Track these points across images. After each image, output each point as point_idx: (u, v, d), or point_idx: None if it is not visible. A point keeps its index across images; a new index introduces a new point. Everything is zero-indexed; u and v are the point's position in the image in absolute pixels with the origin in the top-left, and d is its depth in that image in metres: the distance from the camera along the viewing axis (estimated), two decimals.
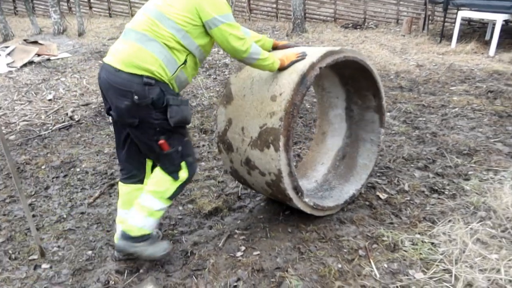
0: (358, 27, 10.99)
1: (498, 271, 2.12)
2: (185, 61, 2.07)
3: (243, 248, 2.43)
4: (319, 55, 2.37)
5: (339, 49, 2.51)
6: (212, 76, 6.53)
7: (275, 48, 2.60)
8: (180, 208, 2.93)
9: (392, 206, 2.80)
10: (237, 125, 2.50)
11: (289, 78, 2.29)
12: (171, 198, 2.22)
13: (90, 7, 14.69)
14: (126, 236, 2.19)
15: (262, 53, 2.19)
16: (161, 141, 2.08)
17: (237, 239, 2.53)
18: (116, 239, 2.33)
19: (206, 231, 2.65)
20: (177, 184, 2.20)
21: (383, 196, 2.91)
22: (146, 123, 2.04)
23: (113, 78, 1.99)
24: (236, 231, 2.61)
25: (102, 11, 14.57)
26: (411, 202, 2.84)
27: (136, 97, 1.96)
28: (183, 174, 2.19)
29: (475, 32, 9.05)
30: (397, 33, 9.87)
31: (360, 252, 2.34)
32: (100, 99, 5.57)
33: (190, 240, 2.55)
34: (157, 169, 2.21)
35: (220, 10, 2.01)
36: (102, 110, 5.16)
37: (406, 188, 3.01)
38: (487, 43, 7.71)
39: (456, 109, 4.62)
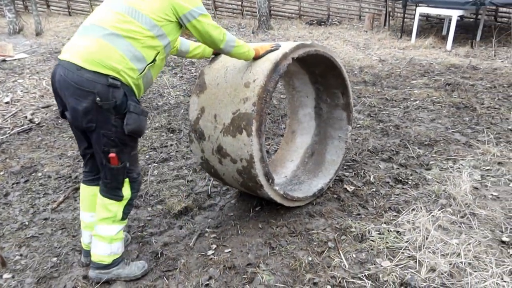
0: (322, 23, 11.17)
1: (459, 255, 2.22)
2: (154, 59, 1.98)
3: (214, 246, 2.42)
4: (292, 46, 2.45)
5: (311, 43, 2.59)
6: (179, 75, 6.45)
7: None
8: (149, 209, 2.88)
9: (359, 197, 2.88)
10: (209, 113, 2.49)
11: (263, 66, 2.33)
12: (124, 218, 2.14)
13: (48, 6, 14.11)
14: (98, 266, 2.14)
15: (237, 40, 2.19)
16: (112, 154, 1.95)
17: (208, 238, 2.51)
18: (84, 244, 2.28)
19: (176, 231, 2.62)
20: (123, 204, 2.10)
21: (350, 188, 2.99)
22: (102, 129, 1.90)
23: (72, 76, 1.81)
24: (207, 229, 2.60)
25: (61, 9, 14.04)
26: (377, 193, 2.92)
27: (98, 98, 1.81)
28: (126, 191, 2.08)
29: (433, 28, 9.42)
30: (359, 29, 10.11)
31: (330, 244, 2.38)
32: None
33: (160, 241, 2.51)
34: (99, 196, 2.09)
35: (194, 3, 1.99)
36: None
37: (372, 179, 3.09)
38: (444, 38, 8.05)
39: (417, 101, 4.80)
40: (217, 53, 2.60)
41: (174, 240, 2.51)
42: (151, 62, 1.97)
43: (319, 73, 3.07)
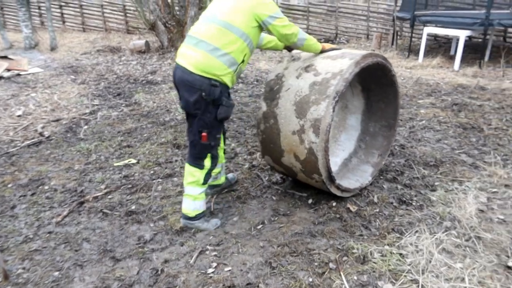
0: (330, 42, 11.26)
1: (463, 279, 2.18)
2: (243, 60, 2.59)
3: (214, 264, 2.41)
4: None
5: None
6: None
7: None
8: (151, 225, 2.89)
9: (362, 218, 2.85)
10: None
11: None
12: (204, 183, 2.77)
13: (63, 22, 14.49)
14: (186, 217, 2.80)
15: (307, 35, 2.70)
16: (204, 133, 2.59)
17: (208, 255, 2.51)
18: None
19: (177, 247, 2.62)
20: (204, 172, 2.72)
21: (353, 208, 2.97)
22: (202, 115, 2.56)
23: (188, 77, 2.50)
24: (208, 247, 2.60)
25: (76, 25, 14.40)
26: (380, 213, 2.90)
27: (203, 93, 2.48)
28: (207, 163, 2.71)
29: (440, 47, 9.44)
30: (367, 48, 10.17)
31: (331, 265, 2.36)
32: (71, 114, 5.49)
33: (161, 257, 2.51)
34: (186, 165, 2.75)
35: (272, 10, 2.52)
36: (74, 126, 5.07)
37: (376, 200, 3.07)
38: (452, 58, 8.05)
39: (423, 121, 4.78)
40: (288, 47, 3.04)
41: (175, 257, 2.51)
42: (241, 62, 2.59)
43: (372, 131, 3.51)
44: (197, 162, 2.70)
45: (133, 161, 3.99)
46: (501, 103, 5.34)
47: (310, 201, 3.11)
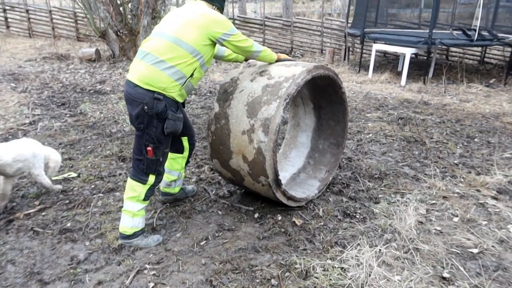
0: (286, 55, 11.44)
1: None
2: (192, 74, 2.56)
3: (151, 284, 2.29)
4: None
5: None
6: None
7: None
8: (87, 243, 2.71)
9: (306, 231, 2.84)
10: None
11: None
12: (145, 199, 2.66)
13: (8, 26, 13.70)
14: (123, 236, 2.65)
15: (262, 47, 2.80)
16: (149, 148, 2.52)
17: (146, 275, 2.38)
18: (161, 188, 3.16)
19: (113, 267, 2.47)
20: (147, 187, 2.63)
21: (298, 222, 2.95)
22: (147, 129, 2.50)
23: (131, 91, 2.48)
24: (147, 266, 2.47)
25: (21, 31, 13.66)
26: (325, 227, 2.90)
27: (146, 107, 2.43)
28: (152, 178, 2.62)
29: (389, 64, 9.86)
30: (321, 62, 10.43)
31: (273, 281, 2.31)
32: (9, 125, 5.13)
33: (94, 278, 2.35)
34: (128, 179, 2.64)
35: (225, 27, 2.55)
36: (10, 137, 4.73)
37: (321, 213, 3.08)
38: (399, 74, 8.42)
39: (370, 135, 4.92)
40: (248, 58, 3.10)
41: (110, 278, 2.36)
42: (190, 76, 2.55)
43: (321, 148, 3.62)
44: (140, 176, 2.60)
45: (73, 174, 3.76)
46: (442, 118, 5.61)
47: (256, 215, 3.06)
